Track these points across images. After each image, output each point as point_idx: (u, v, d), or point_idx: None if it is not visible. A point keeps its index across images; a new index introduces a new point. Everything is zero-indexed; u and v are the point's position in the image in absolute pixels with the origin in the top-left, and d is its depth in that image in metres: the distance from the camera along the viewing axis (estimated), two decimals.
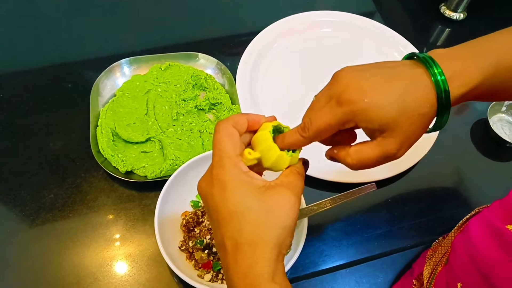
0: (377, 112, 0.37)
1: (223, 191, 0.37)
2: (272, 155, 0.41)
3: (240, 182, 0.38)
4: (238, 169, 0.38)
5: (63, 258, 0.63)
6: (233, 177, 0.38)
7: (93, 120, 0.72)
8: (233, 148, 0.39)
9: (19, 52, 0.86)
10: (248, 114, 0.43)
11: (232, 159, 0.39)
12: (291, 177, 0.41)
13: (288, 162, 0.42)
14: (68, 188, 0.69)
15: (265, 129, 0.42)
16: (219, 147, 0.39)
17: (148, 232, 0.66)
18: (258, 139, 0.42)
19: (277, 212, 0.37)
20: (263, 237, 0.36)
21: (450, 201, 0.73)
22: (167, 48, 0.86)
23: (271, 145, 0.41)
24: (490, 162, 0.78)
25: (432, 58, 0.38)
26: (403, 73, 0.39)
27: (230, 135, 0.40)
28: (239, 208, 0.37)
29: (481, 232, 0.49)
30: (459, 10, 0.96)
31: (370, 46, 0.89)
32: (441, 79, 0.37)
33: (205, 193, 0.40)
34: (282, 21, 0.90)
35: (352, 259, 0.65)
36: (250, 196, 0.37)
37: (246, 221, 0.37)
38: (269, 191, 0.38)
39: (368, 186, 0.59)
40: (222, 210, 0.37)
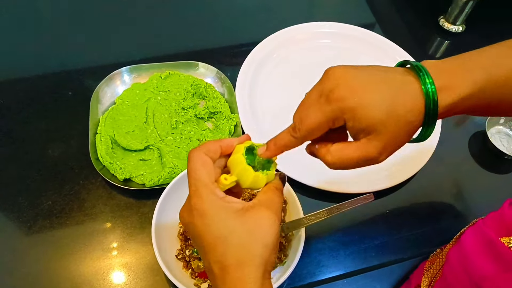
0: (365, 111, 0.37)
1: (203, 219, 0.38)
2: (248, 176, 0.42)
3: (218, 209, 0.39)
4: (215, 196, 0.39)
5: (59, 265, 0.63)
6: (211, 204, 0.39)
7: (93, 128, 0.72)
8: (208, 176, 0.40)
9: (20, 59, 0.86)
10: (220, 140, 0.44)
11: (208, 187, 0.40)
12: (269, 194, 0.42)
13: (265, 181, 0.44)
14: (66, 195, 0.69)
15: (238, 152, 0.43)
16: (194, 176, 0.40)
17: (145, 240, 0.66)
18: (232, 162, 0.43)
19: (258, 232, 0.39)
20: (247, 258, 0.38)
21: (448, 212, 0.73)
22: (168, 57, 0.87)
23: (245, 168, 0.42)
24: (488, 174, 0.78)
25: (424, 67, 0.38)
26: (395, 78, 0.39)
27: (203, 163, 0.41)
28: (221, 233, 0.38)
29: (474, 244, 0.49)
30: (458, 23, 0.97)
31: (369, 58, 0.90)
32: (431, 89, 0.37)
33: (187, 223, 0.41)
34: (282, 32, 0.90)
35: (350, 269, 0.65)
36: (230, 220, 0.38)
37: (230, 244, 0.38)
38: (249, 213, 0.39)
39: (366, 196, 0.59)
40: (205, 237, 0.38)
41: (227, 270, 0.38)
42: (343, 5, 1.06)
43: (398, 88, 0.38)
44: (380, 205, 0.71)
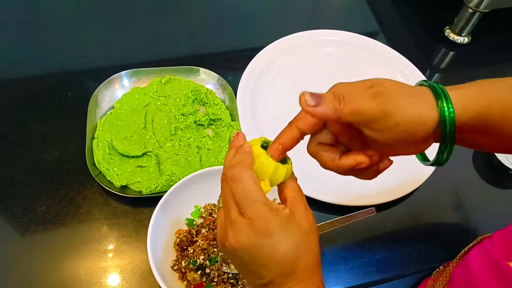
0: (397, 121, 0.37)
1: (271, 238, 0.38)
2: (268, 169, 0.41)
3: (280, 223, 0.38)
4: (274, 212, 0.38)
5: (52, 272, 0.61)
6: (274, 222, 0.38)
7: (90, 132, 0.71)
8: (261, 193, 0.39)
9: (18, 59, 0.85)
10: (244, 149, 0.41)
11: (266, 204, 0.38)
12: (295, 189, 0.42)
13: (284, 174, 0.42)
14: (61, 200, 0.67)
15: (255, 145, 0.41)
16: (252, 197, 0.38)
17: (140, 248, 0.64)
18: (260, 166, 0.41)
19: (312, 229, 0.40)
20: (314, 258, 0.39)
21: (451, 227, 0.71)
22: (168, 61, 0.86)
23: (266, 158, 0.41)
24: (492, 189, 0.77)
25: (445, 91, 0.38)
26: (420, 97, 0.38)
27: (255, 181, 0.39)
28: (291, 244, 0.38)
29: (481, 265, 0.47)
30: (463, 34, 0.95)
31: (373, 67, 0.89)
32: (451, 115, 0.37)
33: (246, 247, 0.39)
34: (286, 39, 0.89)
35: (350, 284, 0.63)
36: (292, 229, 0.39)
37: (299, 252, 0.38)
38: (296, 215, 0.40)
39: (367, 210, 0.58)
40: (274, 254, 0.38)
41: (295, 275, 0.38)
42: (347, 13, 1.05)
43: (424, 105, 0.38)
44: (381, 219, 0.70)
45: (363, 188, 0.71)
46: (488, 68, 0.96)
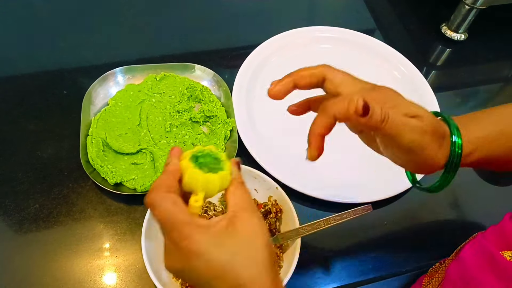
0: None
1: (201, 257, 0.36)
2: (197, 181, 0.39)
3: (211, 239, 0.36)
4: (201, 229, 0.37)
5: (45, 271, 0.60)
6: (202, 240, 0.36)
7: (84, 129, 0.70)
8: (183, 213, 0.37)
9: (11, 56, 0.84)
10: (165, 170, 0.40)
11: (190, 223, 0.37)
12: (237, 193, 0.41)
13: (219, 183, 0.40)
14: (54, 198, 0.67)
15: (188, 167, 0.39)
16: (171, 219, 0.37)
17: (135, 247, 0.63)
18: (190, 181, 0.39)
19: (254, 237, 0.38)
20: (259, 265, 0.37)
21: (447, 225, 0.71)
22: (163, 58, 0.85)
23: (193, 171, 0.39)
24: (488, 186, 0.76)
25: (455, 124, 0.42)
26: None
27: (173, 202, 0.37)
28: (225, 260, 0.36)
29: (474, 258, 0.47)
30: (460, 31, 0.95)
31: (369, 64, 0.88)
32: (459, 144, 0.41)
33: (181, 270, 0.38)
34: (282, 35, 0.88)
35: (345, 282, 0.63)
36: (227, 242, 0.37)
37: (238, 264, 0.36)
38: (236, 224, 0.38)
39: (363, 207, 0.57)
40: (210, 272, 0.36)
41: (245, 287, 0.36)
42: (343, 10, 1.05)
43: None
44: (377, 216, 0.69)
45: (359, 185, 0.71)
46: (484, 65, 0.96)
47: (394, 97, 0.43)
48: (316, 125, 0.42)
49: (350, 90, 0.43)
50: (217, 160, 0.41)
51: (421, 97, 0.82)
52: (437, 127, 0.41)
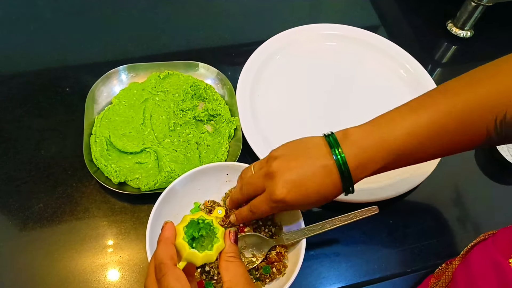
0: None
1: None
2: (197, 258, 0.43)
3: None
4: None
5: (49, 271, 0.60)
6: None
7: (87, 128, 0.70)
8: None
9: (14, 54, 0.84)
10: (162, 236, 0.44)
11: None
12: (231, 270, 0.44)
13: (216, 253, 0.44)
14: (58, 197, 0.67)
15: (179, 236, 0.44)
16: None
17: (139, 246, 0.63)
18: (178, 247, 0.44)
19: None
20: None
21: (453, 224, 0.70)
22: (167, 56, 0.85)
23: (190, 252, 0.43)
24: (494, 185, 0.76)
25: (337, 141, 0.49)
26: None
27: (176, 278, 0.40)
28: None
29: (481, 265, 0.47)
30: (466, 28, 0.94)
31: (374, 61, 0.88)
32: (343, 162, 0.48)
33: None
34: (286, 33, 0.88)
35: (351, 282, 0.63)
36: None
37: None
38: None
39: (369, 209, 0.57)
40: None
41: None
42: (348, 7, 1.04)
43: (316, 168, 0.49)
44: (383, 215, 0.69)
45: (365, 184, 0.70)
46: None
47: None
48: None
49: None
50: (210, 227, 0.46)
51: None
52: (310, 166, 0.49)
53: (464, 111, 0.45)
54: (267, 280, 0.58)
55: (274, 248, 0.59)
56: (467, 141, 0.47)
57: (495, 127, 0.44)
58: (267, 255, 0.59)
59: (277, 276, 0.58)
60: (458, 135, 0.46)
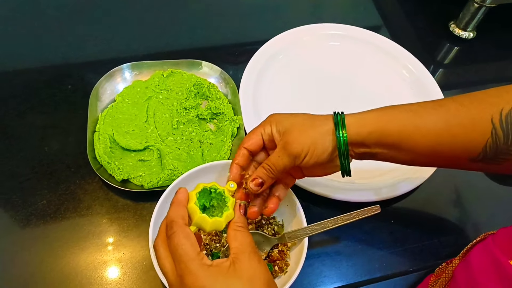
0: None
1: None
2: (206, 223, 0.44)
3: (214, 277, 0.39)
4: (206, 266, 0.40)
5: (52, 267, 0.61)
6: (206, 277, 0.39)
7: (91, 125, 0.70)
8: (193, 248, 0.41)
9: (18, 52, 0.84)
10: (176, 198, 0.46)
11: (197, 260, 0.40)
12: (239, 238, 0.44)
13: (225, 222, 0.46)
14: (61, 194, 0.67)
15: (192, 201, 0.45)
16: (181, 252, 0.41)
17: (142, 243, 0.64)
18: (189, 212, 0.45)
19: (255, 277, 0.41)
20: None
21: (455, 224, 0.71)
22: (170, 54, 0.85)
23: (201, 216, 0.44)
24: (495, 186, 0.76)
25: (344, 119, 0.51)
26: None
27: (186, 235, 0.42)
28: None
29: (482, 263, 0.47)
30: (468, 29, 0.94)
31: (376, 62, 0.88)
32: (344, 137, 0.50)
33: None
34: (289, 32, 0.88)
35: (352, 281, 0.63)
36: (230, 281, 0.40)
37: None
38: (237, 265, 0.41)
39: (372, 208, 0.57)
40: None
41: None
42: (350, 8, 1.04)
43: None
44: (384, 215, 0.69)
45: (366, 184, 0.70)
46: (492, 63, 0.95)
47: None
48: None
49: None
50: (221, 196, 0.47)
51: (428, 95, 0.82)
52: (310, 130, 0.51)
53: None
54: None
55: (277, 247, 0.60)
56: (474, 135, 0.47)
57: (500, 118, 0.45)
58: (270, 253, 0.59)
59: (279, 274, 0.58)
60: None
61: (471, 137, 0.47)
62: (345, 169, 0.52)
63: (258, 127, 0.54)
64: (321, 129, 0.51)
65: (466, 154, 0.48)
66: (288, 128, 0.52)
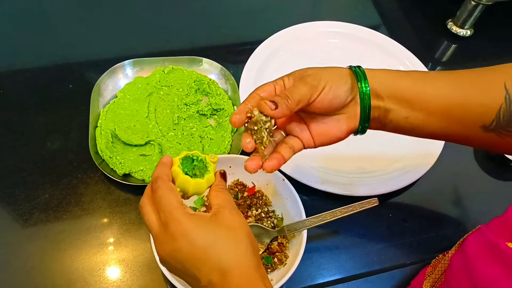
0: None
1: (187, 237, 0.40)
2: (189, 185, 0.45)
3: (196, 223, 0.41)
4: (188, 214, 0.41)
5: (54, 260, 0.62)
6: (189, 222, 0.40)
7: (93, 121, 0.71)
8: (176, 199, 0.42)
9: (21, 49, 0.85)
10: (161, 162, 0.46)
11: (179, 208, 0.41)
12: (220, 196, 0.46)
13: (206, 185, 0.47)
14: (63, 188, 0.68)
15: (175, 164, 0.46)
16: (165, 203, 0.42)
17: (143, 237, 0.64)
18: (173, 174, 0.46)
19: (236, 227, 0.42)
20: (241, 252, 0.41)
21: (451, 218, 0.71)
22: (171, 52, 0.85)
23: (184, 177, 0.45)
24: (492, 181, 0.77)
25: (365, 74, 0.49)
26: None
27: (170, 188, 0.43)
28: (209, 241, 0.40)
29: (478, 249, 0.48)
30: (466, 27, 0.95)
31: (375, 59, 0.89)
32: (367, 93, 0.48)
33: (170, 252, 0.41)
34: (288, 30, 0.89)
35: (350, 273, 0.64)
36: (211, 227, 0.41)
37: (221, 247, 0.40)
38: (218, 216, 0.43)
39: (369, 201, 0.58)
40: (195, 253, 0.40)
41: (228, 272, 0.39)
42: (350, 6, 1.05)
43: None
44: (383, 209, 0.70)
45: (365, 178, 0.71)
46: (490, 61, 0.95)
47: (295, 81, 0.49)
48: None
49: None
50: (203, 163, 0.48)
51: None
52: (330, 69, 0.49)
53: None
54: (269, 270, 0.59)
55: (276, 239, 0.61)
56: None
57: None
58: (269, 245, 0.60)
59: (278, 266, 0.59)
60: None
61: (484, 100, 0.46)
62: (363, 121, 0.50)
63: (276, 80, 0.50)
64: (339, 70, 0.49)
65: (479, 120, 0.47)
66: (303, 72, 0.49)
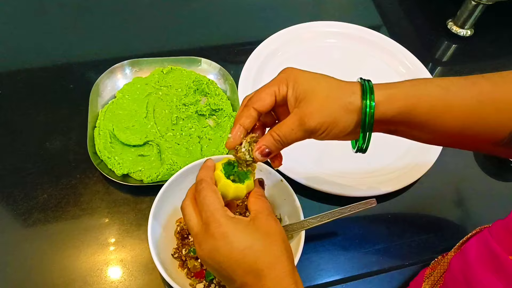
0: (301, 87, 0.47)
1: (226, 239, 0.42)
2: (229, 189, 0.47)
3: (235, 226, 0.43)
4: (228, 217, 0.43)
5: (53, 260, 0.62)
6: (228, 224, 0.43)
7: (92, 121, 0.71)
8: (219, 201, 0.45)
9: (21, 49, 0.85)
10: (205, 165, 0.49)
11: (222, 210, 0.44)
12: (258, 203, 0.47)
13: (245, 190, 0.48)
14: (62, 188, 0.68)
15: (217, 169, 0.48)
16: (208, 203, 0.44)
17: (141, 237, 0.64)
18: (215, 178, 0.48)
19: (273, 233, 0.44)
20: (276, 256, 0.43)
21: (451, 219, 0.71)
22: (170, 52, 0.85)
23: (225, 182, 0.47)
24: (493, 182, 0.77)
25: (372, 89, 0.47)
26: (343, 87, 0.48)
27: (213, 191, 0.45)
28: (246, 244, 0.42)
29: (478, 254, 0.47)
30: (466, 27, 0.95)
31: (375, 59, 0.89)
32: (371, 110, 0.45)
33: (209, 251, 0.43)
34: (288, 30, 0.89)
35: (349, 274, 0.64)
36: (249, 231, 0.43)
37: (257, 250, 0.42)
38: (256, 222, 0.44)
39: (368, 201, 0.58)
40: (233, 254, 0.42)
41: (262, 274, 0.41)
42: (350, 5, 1.05)
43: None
44: (382, 209, 0.70)
45: (364, 179, 0.71)
46: (490, 61, 0.96)
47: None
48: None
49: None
50: (243, 172, 0.49)
51: None
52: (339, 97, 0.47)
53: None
54: None
55: None
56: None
57: None
58: None
59: None
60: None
61: (501, 119, 0.45)
62: (362, 146, 0.48)
63: (271, 85, 0.48)
64: (345, 101, 0.45)
65: (491, 137, 0.46)
66: (307, 95, 0.45)
